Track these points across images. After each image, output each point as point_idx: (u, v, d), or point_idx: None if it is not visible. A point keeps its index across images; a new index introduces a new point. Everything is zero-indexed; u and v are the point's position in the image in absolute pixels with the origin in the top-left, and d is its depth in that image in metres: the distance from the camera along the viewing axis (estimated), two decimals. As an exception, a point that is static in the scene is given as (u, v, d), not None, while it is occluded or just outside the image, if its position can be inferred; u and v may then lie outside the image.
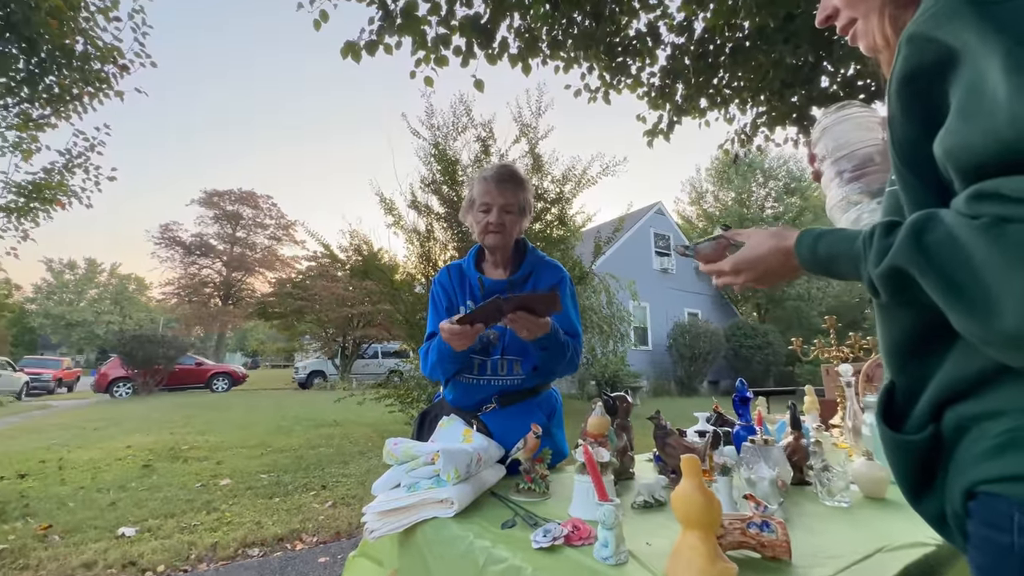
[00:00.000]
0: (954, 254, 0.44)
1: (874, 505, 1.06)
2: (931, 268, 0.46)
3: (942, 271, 0.45)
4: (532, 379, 1.40)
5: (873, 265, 0.52)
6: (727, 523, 0.76)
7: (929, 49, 0.49)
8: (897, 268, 0.49)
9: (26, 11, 3.55)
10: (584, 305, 8.38)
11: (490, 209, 1.38)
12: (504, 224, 1.38)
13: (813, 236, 0.63)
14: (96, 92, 4.27)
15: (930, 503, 0.55)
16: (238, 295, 30.04)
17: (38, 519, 3.18)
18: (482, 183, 1.40)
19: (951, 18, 0.47)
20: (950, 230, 0.45)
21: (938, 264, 0.45)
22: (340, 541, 2.96)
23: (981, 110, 0.44)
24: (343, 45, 3.08)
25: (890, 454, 0.57)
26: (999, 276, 0.41)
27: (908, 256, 0.48)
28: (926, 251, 0.46)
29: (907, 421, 0.56)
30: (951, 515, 0.52)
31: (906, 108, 0.52)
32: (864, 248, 0.54)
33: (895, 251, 0.49)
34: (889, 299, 0.53)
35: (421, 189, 6.65)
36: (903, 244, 0.48)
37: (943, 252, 0.45)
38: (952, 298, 0.45)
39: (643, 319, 16.06)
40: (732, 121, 4.37)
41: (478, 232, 1.41)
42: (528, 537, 0.85)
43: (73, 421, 8.36)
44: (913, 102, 0.52)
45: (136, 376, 13.90)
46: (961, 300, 0.44)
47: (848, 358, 2.06)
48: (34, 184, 4.32)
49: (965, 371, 0.50)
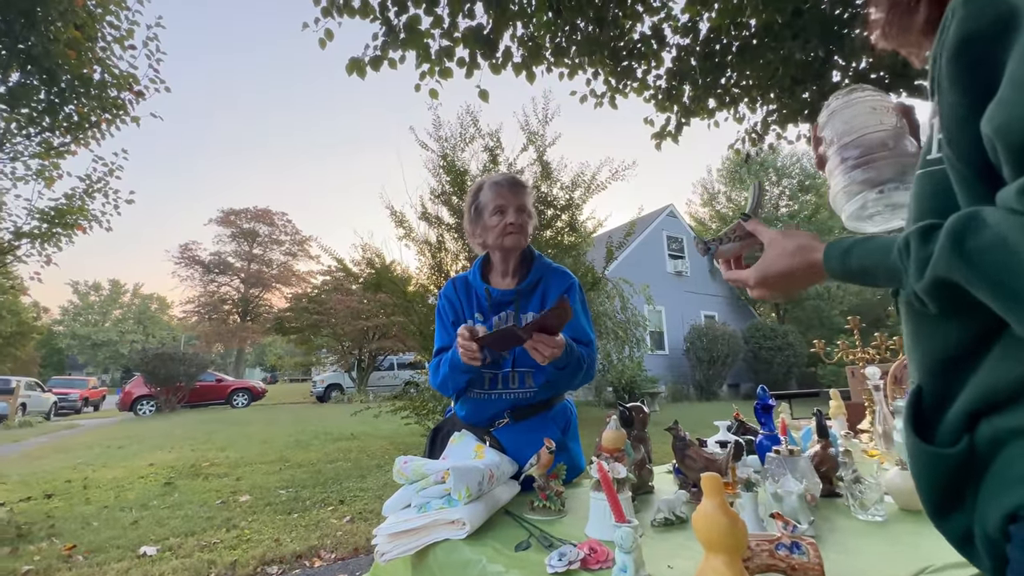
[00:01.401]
0: (1006, 259, 0.40)
1: (912, 519, 0.99)
2: (979, 277, 0.42)
3: (994, 279, 0.41)
4: (545, 391, 1.37)
5: (915, 279, 0.48)
6: (754, 545, 0.71)
7: (984, 13, 0.44)
8: (941, 280, 0.45)
9: (45, 43, 3.68)
10: (598, 311, 8.31)
11: (506, 210, 1.36)
12: (523, 224, 1.37)
13: (842, 250, 0.58)
14: (113, 119, 4.39)
15: (956, 521, 0.50)
16: (256, 311, 30.55)
17: (63, 539, 3.22)
18: (492, 188, 1.39)
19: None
20: (997, 232, 0.40)
21: (987, 272, 0.41)
22: (358, 557, 2.93)
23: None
24: (348, 62, 3.12)
25: (917, 466, 0.53)
26: None
27: (951, 265, 0.43)
28: (970, 259, 0.42)
29: (938, 430, 0.51)
30: (981, 537, 0.47)
31: (956, 80, 0.47)
32: (902, 260, 0.50)
33: (936, 261, 0.45)
34: (941, 311, 0.48)
35: (431, 200, 6.69)
36: (944, 253, 0.44)
37: (992, 258, 0.41)
38: (1008, 304, 0.40)
39: (659, 323, 15.87)
40: (742, 120, 4.31)
41: (493, 237, 1.38)
42: (543, 560, 0.81)
43: (98, 440, 8.52)
44: (964, 73, 0.46)
45: (159, 394, 14.15)
46: (1018, 306, 0.40)
47: (874, 359, 1.97)
48: (56, 210, 4.45)
49: (1003, 379, 0.45)
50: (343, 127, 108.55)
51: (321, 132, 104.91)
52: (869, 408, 1.76)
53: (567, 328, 1.33)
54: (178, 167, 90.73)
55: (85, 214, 4.64)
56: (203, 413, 13.49)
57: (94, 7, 4.07)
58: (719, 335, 15.43)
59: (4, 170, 4.25)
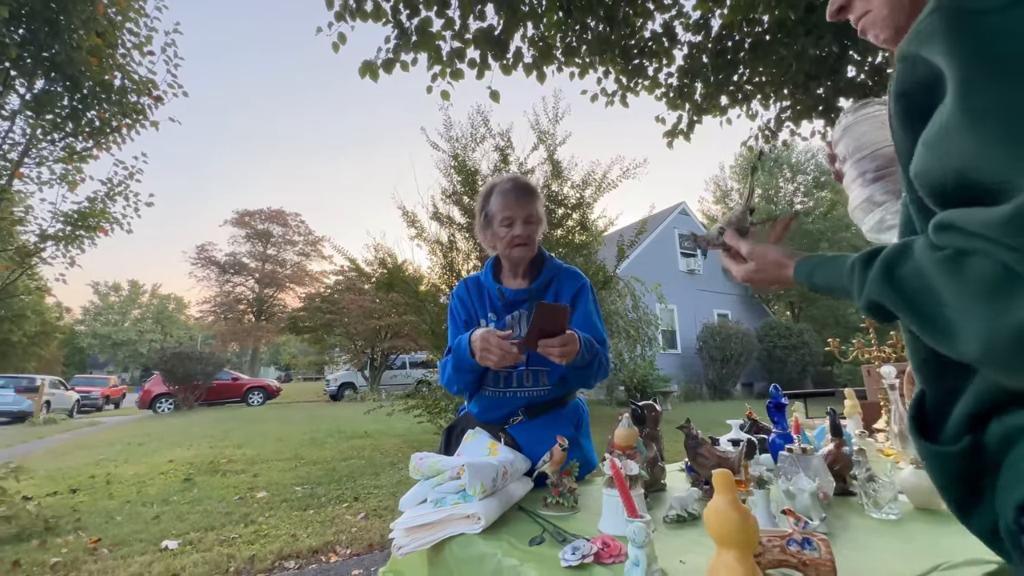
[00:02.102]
0: (921, 287, 0.47)
1: (926, 517, 0.99)
2: (901, 301, 0.49)
3: (909, 303, 0.48)
4: (558, 389, 1.38)
5: (857, 298, 0.56)
6: (765, 540, 0.72)
7: (918, 67, 0.49)
8: (874, 302, 0.52)
9: (69, 51, 3.77)
10: (609, 310, 8.28)
11: (513, 222, 1.37)
12: (530, 236, 1.38)
13: (808, 269, 0.67)
14: (133, 123, 4.48)
15: (981, 518, 0.52)
16: (270, 311, 30.98)
17: (88, 532, 3.32)
18: (500, 197, 1.39)
19: (931, 38, 0.46)
20: (917, 264, 0.47)
21: (907, 297, 0.48)
22: (373, 553, 2.98)
23: (939, 138, 0.46)
24: (361, 65, 3.15)
25: (928, 466, 0.55)
26: (959, 308, 0.43)
27: (881, 290, 0.51)
28: (897, 285, 0.49)
29: (942, 433, 0.53)
30: (1004, 530, 0.49)
31: (902, 123, 0.54)
32: (850, 281, 0.57)
33: (869, 286, 0.53)
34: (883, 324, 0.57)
35: (442, 200, 6.73)
36: (876, 278, 0.52)
37: (911, 285, 0.48)
38: (922, 327, 0.48)
39: (671, 322, 15.76)
40: (755, 117, 4.27)
41: (502, 247, 1.40)
42: (557, 555, 0.83)
43: (119, 437, 8.74)
44: (906, 118, 0.53)
45: (177, 392, 14.44)
46: (929, 329, 0.47)
47: (890, 358, 1.95)
48: (79, 213, 4.56)
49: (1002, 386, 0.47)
50: (356, 128, 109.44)
51: (334, 133, 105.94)
52: (884, 407, 1.74)
53: (578, 328, 1.35)
54: (194, 168, 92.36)
55: (107, 216, 4.75)
56: (220, 411, 13.74)
57: (114, 15, 4.17)
58: (732, 334, 15.27)
59: (30, 175, 4.37)
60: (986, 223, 0.41)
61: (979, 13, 0.43)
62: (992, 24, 0.42)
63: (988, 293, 0.41)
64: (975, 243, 0.42)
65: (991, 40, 0.42)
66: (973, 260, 0.43)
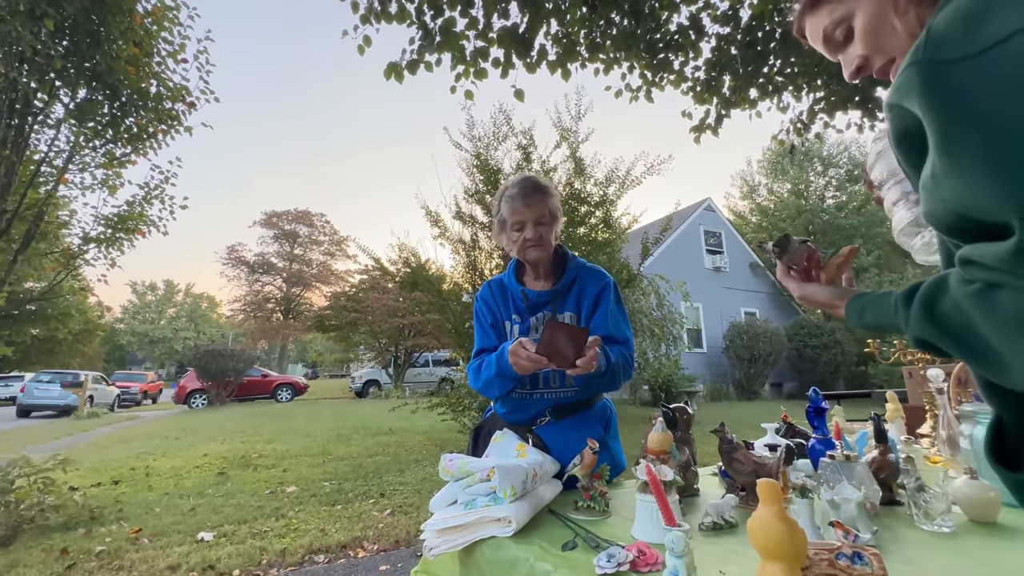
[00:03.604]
0: (962, 322, 0.47)
1: (982, 531, 0.94)
2: (947, 337, 0.50)
3: (955, 339, 0.49)
4: (586, 391, 1.36)
5: (906, 335, 0.56)
6: (812, 553, 0.69)
7: (906, 116, 0.50)
8: (921, 339, 0.53)
9: (108, 61, 3.94)
10: (633, 308, 8.18)
11: (524, 226, 1.36)
12: (542, 236, 1.36)
13: (859, 309, 0.67)
14: (168, 129, 4.65)
15: None
16: (297, 309, 31.77)
17: (130, 523, 3.46)
18: (509, 202, 1.38)
19: (909, 91, 0.48)
20: (955, 299, 0.48)
21: (951, 333, 0.49)
22: (399, 549, 3.02)
23: (933, 184, 0.48)
24: (386, 66, 3.18)
25: (1018, 497, 0.52)
26: (1001, 340, 0.44)
27: (925, 328, 0.52)
28: (939, 323, 0.50)
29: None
30: None
31: (910, 164, 0.55)
32: (898, 318, 0.57)
33: (913, 324, 0.53)
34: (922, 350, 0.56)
35: (465, 200, 6.76)
36: (918, 316, 0.52)
37: (952, 321, 0.49)
38: (970, 360, 0.48)
39: (696, 320, 15.47)
40: (786, 110, 4.14)
41: (517, 250, 1.40)
42: (591, 561, 0.81)
43: (157, 431, 9.09)
44: (912, 159, 0.54)
45: (210, 388, 14.95)
46: (978, 362, 0.47)
47: (935, 360, 1.86)
48: (119, 216, 4.76)
49: None
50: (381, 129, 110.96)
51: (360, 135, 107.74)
52: (931, 412, 1.66)
53: (601, 328, 1.33)
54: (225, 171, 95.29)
55: (144, 219, 4.95)
56: (250, 407, 14.15)
57: (150, 24, 4.33)
58: (760, 332, 14.89)
59: (74, 180, 4.59)
60: (997, 257, 0.43)
61: (949, 63, 0.44)
62: (962, 73, 0.44)
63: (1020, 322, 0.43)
64: (997, 276, 0.44)
65: (962, 88, 0.43)
66: (1003, 293, 0.44)
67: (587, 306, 1.37)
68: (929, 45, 0.46)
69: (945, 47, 0.45)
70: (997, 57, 0.42)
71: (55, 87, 4.03)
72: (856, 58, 0.65)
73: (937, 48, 0.45)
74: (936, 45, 0.45)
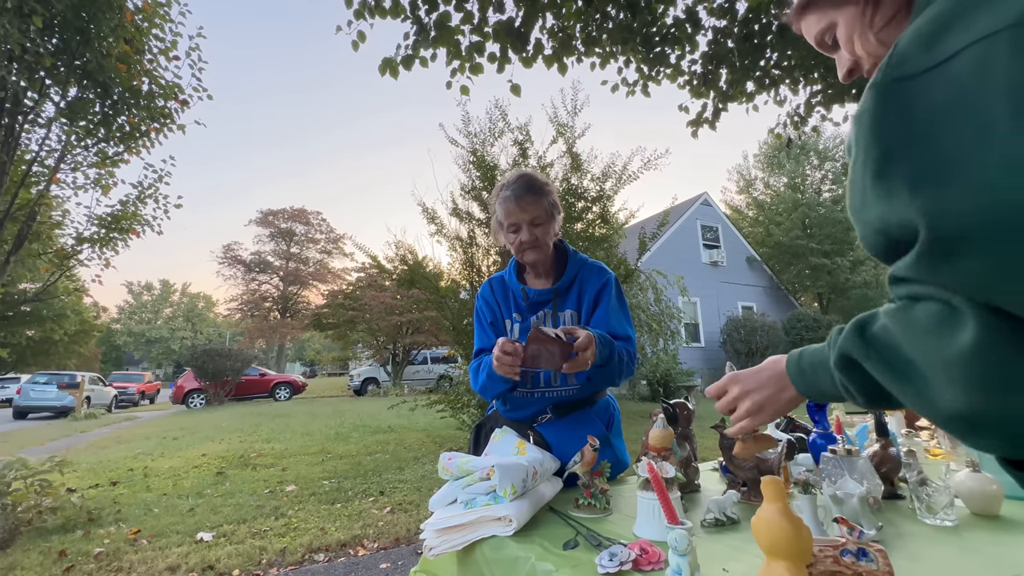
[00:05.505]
0: (888, 340, 0.48)
1: (985, 524, 0.93)
2: (872, 353, 0.50)
3: (880, 357, 0.49)
4: (587, 388, 1.35)
5: (830, 357, 0.56)
6: (817, 550, 0.68)
7: None
8: (846, 355, 0.54)
9: (99, 59, 3.89)
10: (631, 303, 8.18)
11: (519, 228, 1.34)
12: (537, 237, 1.34)
13: (798, 353, 0.67)
14: (161, 127, 4.61)
15: None
16: (295, 308, 31.66)
17: (129, 524, 3.45)
18: (504, 203, 1.35)
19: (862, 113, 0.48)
20: (883, 321, 0.49)
21: (877, 350, 0.50)
22: (400, 547, 3.01)
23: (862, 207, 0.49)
24: (381, 62, 3.15)
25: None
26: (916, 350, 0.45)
27: (853, 342, 0.52)
28: (869, 341, 0.51)
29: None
30: None
31: None
32: (828, 352, 0.58)
33: (842, 340, 0.54)
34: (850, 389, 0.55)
35: (462, 196, 6.72)
36: (849, 334, 0.53)
37: (880, 340, 0.49)
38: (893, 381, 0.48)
39: (694, 315, 15.50)
40: (783, 103, 4.12)
41: (514, 251, 1.38)
42: (592, 559, 0.81)
43: (155, 431, 9.06)
44: None
45: (208, 388, 14.90)
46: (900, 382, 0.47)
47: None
48: (113, 216, 4.72)
49: None
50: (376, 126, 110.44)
51: (354, 131, 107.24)
52: (930, 405, 1.66)
53: (601, 325, 1.32)
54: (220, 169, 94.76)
55: (138, 219, 4.91)
56: (248, 406, 14.12)
57: (141, 21, 4.27)
58: (758, 326, 14.93)
59: (66, 180, 4.54)
60: (908, 267, 0.44)
61: (903, 80, 0.44)
62: (914, 89, 0.43)
63: (932, 330, 0.43)
64: (914, 288, 0.45)
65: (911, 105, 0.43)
66: (920, 305, 0.44)
67: (588, 303, 1.36)
68: (891, 62, 0.46)
69: (904, 64, 0.45)
70: (941, 75, 0.41)
71: (45, 85, 3.98)
72: (847, 61, 0.66)
73: (897, 65, 0.45)
74: (897, 62, 0.45)
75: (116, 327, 43.24)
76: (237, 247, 31.82)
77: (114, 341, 42.68)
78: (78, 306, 20.35)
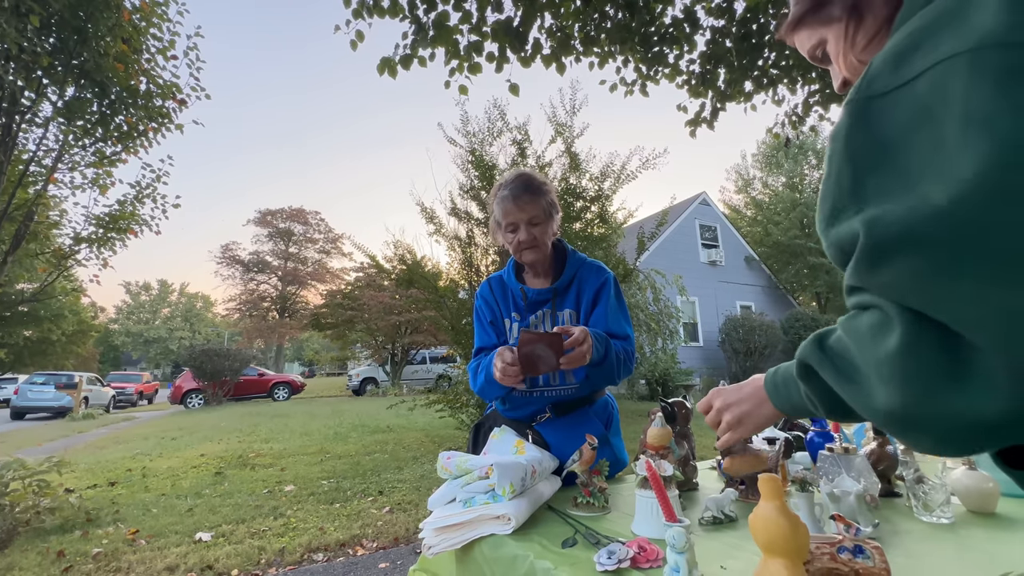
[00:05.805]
0: (840, 349, 0.50)
1: (981, 522, 0.94)
2: (826, 360, 0.52)
3: (832, 364, 0.51)
4: (586, 387, 1.36)
5: (794, 370, 0.59)
6: (814, 547, 0.69)
7: None
8: (803, 363, 0.56)
9: (96, 58, 3.87)
10: (630, 303, 8.18)
11: (517, 228, 1.34)
12: (535, 237, 1.34)
13: (774, 369, 0.69)
14: (159, 127, 4.59)
15: None
16: (293, 308, 31.62)
17: (127, 524, 3.44)
18: (502, 203, 1.35)
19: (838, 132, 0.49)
20: (839, 332, 0.51)
21: (830, 358, 0.52)
22: (399, 547, 3.01)
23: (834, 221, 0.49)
24: (379, 62, 3.15)
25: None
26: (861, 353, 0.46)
27: (812, 352, 0.55)
28: (826, 350, 0.53)
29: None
30: None
31: None
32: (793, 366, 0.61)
33: (801, 349, 0.57)
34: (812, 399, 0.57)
35: (460, 196, 6.72)
36: (809, 344, 0.56)
37: (835, 349, 0.52)
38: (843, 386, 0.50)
39: (692, 314, 15.52)
40: (781, 103, 4.13)
41: (512, 251, 1.38)
42: (591, 557, 0.81)
43: (153, 431, 9.04)
44: None
45: (206, 388, 14.88)
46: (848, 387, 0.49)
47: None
48: (110, 216, 4.71)
49: None
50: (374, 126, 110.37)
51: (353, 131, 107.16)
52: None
53: (600, 324, 1.32)
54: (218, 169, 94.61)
55: (136, 219, 4.89)
56: (247, 406, 14.10)
57: (138, 20, 4.26)
58: (756, 325, 14.95)
59: (64, 180, 4.52)
60: (851, 274, 0.46)
61: (873, 99, 0.45)
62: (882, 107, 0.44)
63: (870, 334, 0.45)
64: (862, 298, 0.46)
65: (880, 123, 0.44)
66: (867, 312, 0.46)
67: (586, 302, 1.36)
68: (863, 81, 0.47)
69: (874, 83, 0.45)
70: (907, 94, 0.42)
71: (42, 85, 3.96)
72: (839, 74, 0.67)
73: (868, 84, 0.46)
74: (868, 82, 0.46)
75: (114, 327, 43.15)
76: (235, 247, 31.79)
77: (112, 341, 42.59)
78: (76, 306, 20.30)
